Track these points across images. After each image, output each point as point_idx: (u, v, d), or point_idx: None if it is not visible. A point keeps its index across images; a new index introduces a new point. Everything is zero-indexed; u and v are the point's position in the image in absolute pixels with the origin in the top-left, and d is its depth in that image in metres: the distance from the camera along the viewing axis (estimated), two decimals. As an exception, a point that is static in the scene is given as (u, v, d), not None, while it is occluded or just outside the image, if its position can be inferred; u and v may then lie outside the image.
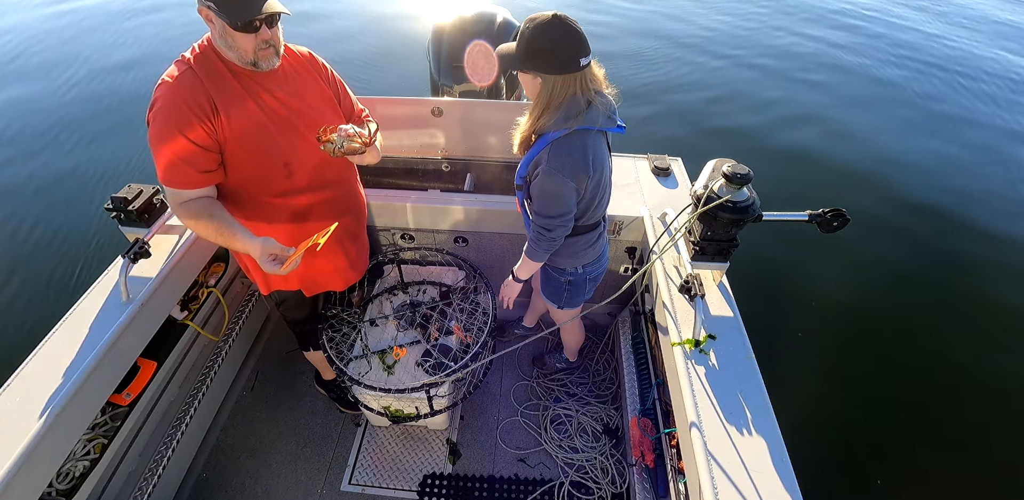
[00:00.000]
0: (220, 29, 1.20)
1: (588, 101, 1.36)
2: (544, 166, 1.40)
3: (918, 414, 2.66)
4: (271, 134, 1.35)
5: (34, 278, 3.23)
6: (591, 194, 1.51)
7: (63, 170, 4.12)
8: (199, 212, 1.31)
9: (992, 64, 6.15)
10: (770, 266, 3.39)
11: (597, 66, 1.37)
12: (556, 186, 1.41)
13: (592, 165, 1.42)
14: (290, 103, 1.38)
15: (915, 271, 3.45)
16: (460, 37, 2.39)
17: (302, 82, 1.42)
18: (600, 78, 1.39)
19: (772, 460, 1.22)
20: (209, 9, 1.16)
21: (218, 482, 2.07)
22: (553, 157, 1.38)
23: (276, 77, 1.35)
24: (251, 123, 1.31)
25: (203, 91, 1.24)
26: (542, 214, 1.49)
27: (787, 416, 1.35)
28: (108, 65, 5.63)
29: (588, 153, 1.41)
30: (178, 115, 1.22)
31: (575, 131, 1.37)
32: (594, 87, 1.38)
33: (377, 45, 6.11)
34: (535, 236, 1.56)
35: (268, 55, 1.26)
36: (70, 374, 1.40)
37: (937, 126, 4.99)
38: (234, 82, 1.28)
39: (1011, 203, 4.06)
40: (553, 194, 1.44)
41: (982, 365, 2.89)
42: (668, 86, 5.48)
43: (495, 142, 2.29)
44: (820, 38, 6.64)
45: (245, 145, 1.32)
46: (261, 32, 1.21)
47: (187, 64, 1.26)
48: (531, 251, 1.62)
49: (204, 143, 1.26)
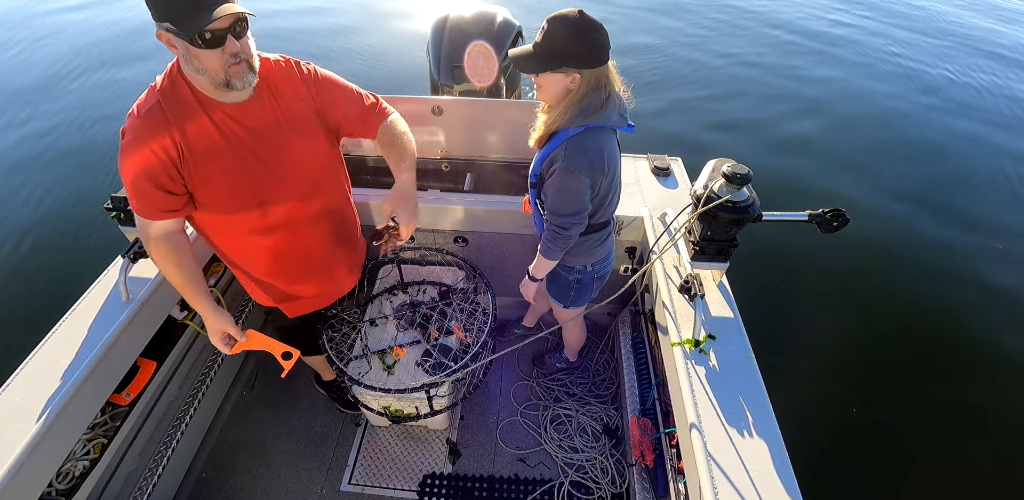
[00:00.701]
0: (184, 51, 1.07)
1: (607, 98, 1.37)
2: (561, 163, 1.40)
3: (919, 414, 2.66)
4: (244, 176, 1.25)
5: (34, 278, 3.23)
6: (604, 192, 1.52)
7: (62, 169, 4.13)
8: (166, 256, 1.27)
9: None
10: (770, 266, 3.39)
11: (613, 66, 1.38)
12: (573, 183, 1.42)
13: (607, 163, 1.43)
14: (269, 139, 1.25)
15: (916, 269, 3.45)
16: (460, 37, 2.39)
17: (282, 108, 1.27)
18: (616, 74, 1.39)
19: (772, 460, 1.22)
20: (167, 30, 1.04)
21: (218, 482, 2.07)
22: (570, 155, 1.39)
23: (252, 110, 1.23)
24: (222, 167, 1.22)
25: (169, 134, 1.14)
26: (558, 212, 1.50)
27: (787, 416, 1.35)
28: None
29: (604, 151, 1.42)
30: (143, 161, 1.15)
31: (591, 129, 1.38)
32: (613, 82, 1.38)
33: (377, 43, 6.11)
34: (551, 235, 1.56)
35: (240, 71, 1.11)
36: (70, 374, 1.40)
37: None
38: (205, 119, 1.17)
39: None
40: (569, 192, 1.44)
41: (983, 365, 2.89)
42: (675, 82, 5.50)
43: (495, 142, 2.29)
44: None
45: (215, 188, 1.23)
46: (228, 45, 1.07)
47: (156, 96, 1.15)
48: (546, 250, 1.62)
49: (170, 188, 1.20)
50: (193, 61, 1.08)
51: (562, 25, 1.29)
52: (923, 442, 2.55)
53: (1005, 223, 3.83)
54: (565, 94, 1.38)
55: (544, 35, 1.31)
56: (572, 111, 1.37)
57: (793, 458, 1.22)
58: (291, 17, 6.88)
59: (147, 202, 1.21)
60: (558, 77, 1.35)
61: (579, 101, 1.36)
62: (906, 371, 2.86)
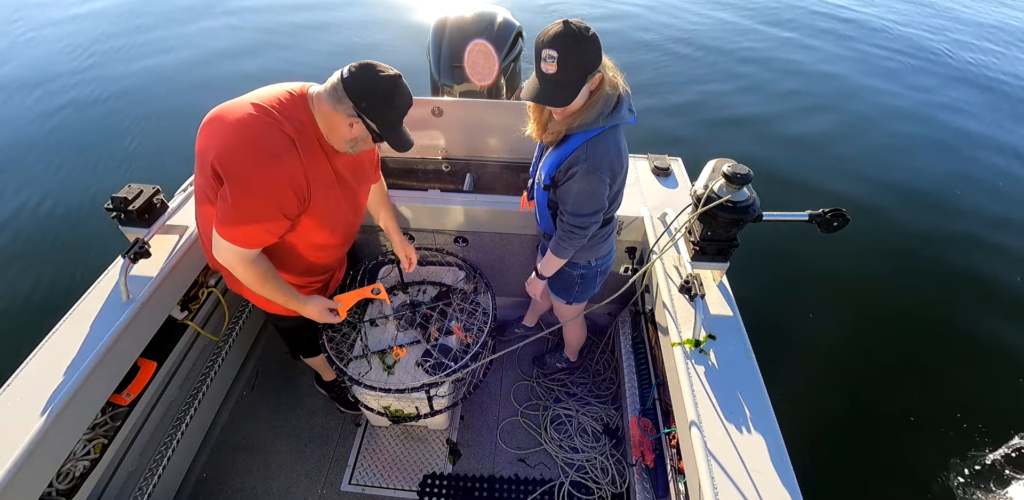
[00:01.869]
0: (353, 130, 1.27)
1: (618, 96, 1.37)
2: (583, 165, 1.40)
3: (919, 413, 2.66)
4: (339, 203, 1.46)
5: (34, 278, 3.23)
6: (617, 189, 1.54)
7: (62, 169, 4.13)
8: (264, 275, 1.39)
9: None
10: (770, 266, 3.39)
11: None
12: (595, 184, 1.43)
13: (624, 161, 1.45)
14: (356, 179, 1.50)
15: (916, 268, 3.45)
16: (460, 37, 2.39)
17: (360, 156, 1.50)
18: (608, 60, 1.37)
19: (772, 460, 1.22)
20: (363, 123, 1.25)
21: (218, 482, 2.07)
22: (592, 156, 1.39)
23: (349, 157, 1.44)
24: (328, 195, 1.40)
25: (303, 173, 1.28)
26: (577, 213, 1.50)
27: (787, 416, 1.35)
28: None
29: (621, 149, 1.43)
30: (284, 200, 1.27)
31: (607, 128, 1.39)
32: (614, 73, 1.37)
33: (377, 43, 6.11)
34: (566, 235, 1.56)
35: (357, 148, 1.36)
36: (70, 374, 1.40)
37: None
38: (323, 158, 1.34)
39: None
40: (591, 193, 1.45)
41: (984, 364, 2.89)
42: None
43: (495, 142, 2.29)
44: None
45: (316, 216, 1.40)
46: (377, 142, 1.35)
47: (290, 139, 1.25)
48: (559, 249, 1.62)
49: (293, 216, 1.34)
50: (351, 140, 1.30)
51: (567, 45, 1.24)
52: (923, 442, 2.56)
53: (1007, 219, 3.84)
54: (587, 97, 1.36)
55: (559, 62, 1.26)
56: (594, 111, 1.35)
57: (793, 458, 1.22)
58: (292, 13, 6.88)
59: (265, 232, 1.30)
60: (593, 81, 1.33)
61: (599, 100, 1.35)
62: (906, 371, 2.86)
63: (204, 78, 5.37)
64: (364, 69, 1.21)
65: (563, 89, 1.31)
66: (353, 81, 1.20)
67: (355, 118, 1.23)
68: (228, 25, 6.57)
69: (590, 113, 1.36)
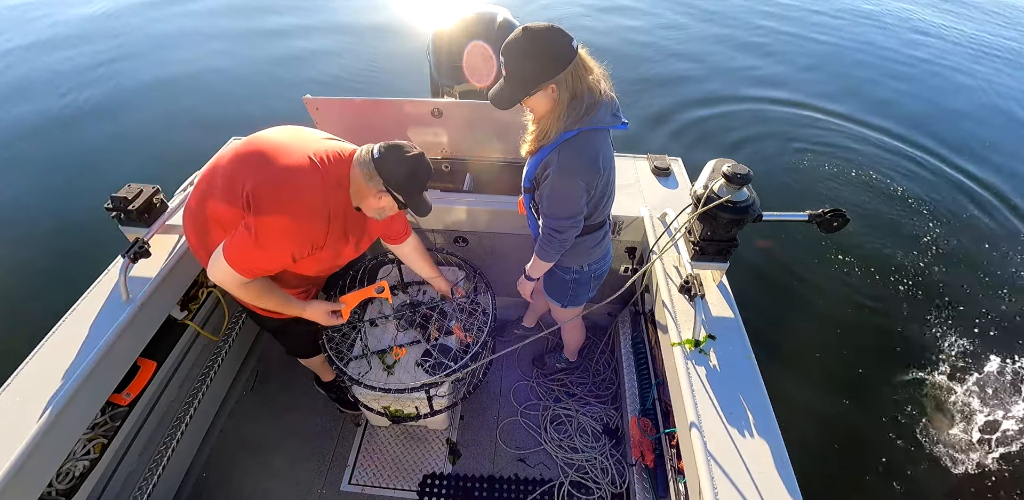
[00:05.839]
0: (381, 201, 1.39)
1: (594, 100, 1.35)
2: (555, 168, 1.40)
3: (919, 413, 2.66)
4: (346, 250, 1.55)
5: (34, 278, 3.23)
6: (600, 193, 1.52)
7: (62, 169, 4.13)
8: (259, 292, 1.45)
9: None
10: (770, 266, 3.39)
11: (587, 55, 1.35)
12: (568, 187, 1.42)
13: (601, 164, 1.43)
14: (367, 228, 1.58)
15: (917, 269, 3.45)
16: (460, 37, 2.39)
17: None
18: (595, 68, 1.36)
19: (772, 460, 1.22)
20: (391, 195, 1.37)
21: (218, 482, 2.07)
22: (564, 158, 1.39)
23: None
24: (339, 245, 1.50)
25: (324, 231, 1.39)
26: (553, 216, 1.49)
27: (787, 416, 1.35)
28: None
29: (598, 153, 1.41)
30: (300, 249, 1.38)
31: (584, 131, 1.37)
32: (593, 78, 1.35)
33: (377, 45, 6.11)
34: (546, 238, 1.56)
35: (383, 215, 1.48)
36: (70, 374, 1.40)
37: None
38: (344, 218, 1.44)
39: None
40: (564, 196, 1.44)
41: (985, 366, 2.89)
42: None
43: (494, 142, 2.29)
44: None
45: (322, 258, 1.49)
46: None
47: (326, 199, 1.36)
48: (542, 252, 1.62)
49: (300, 259, 1.42)
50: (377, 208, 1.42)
51: (513, 52, 1.28)
52: (923, 442, 2.55)
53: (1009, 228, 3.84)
54: (554, 105, 1.36)
55: (505, 67, 1.32)
56: (563, 119, 1.36)
57: (793, 458, 1.22)
58: (291, 13, 6.88)
59: (268, 267, 1.40)
60: (539, 96, 1.34)
61: (566, 107, 1.35)
62: (906, 371, 2.86)
63: (205, 79, 5.37)
64: (392, 151, 1.35)
65: (506, 93, 1.36)
66: (383, 162, 1.34)
67: (384, 192, 1.37)
68: (222, 27, 6.57)
69: (557, 121, 1.36)
